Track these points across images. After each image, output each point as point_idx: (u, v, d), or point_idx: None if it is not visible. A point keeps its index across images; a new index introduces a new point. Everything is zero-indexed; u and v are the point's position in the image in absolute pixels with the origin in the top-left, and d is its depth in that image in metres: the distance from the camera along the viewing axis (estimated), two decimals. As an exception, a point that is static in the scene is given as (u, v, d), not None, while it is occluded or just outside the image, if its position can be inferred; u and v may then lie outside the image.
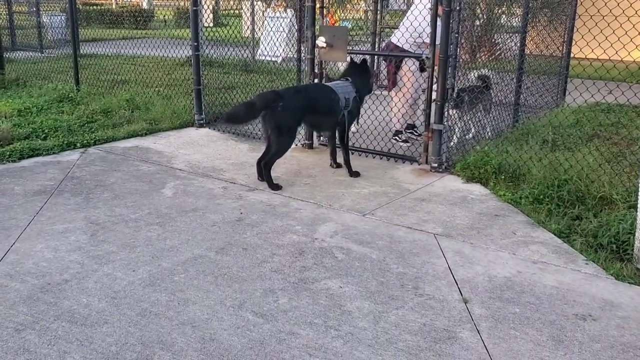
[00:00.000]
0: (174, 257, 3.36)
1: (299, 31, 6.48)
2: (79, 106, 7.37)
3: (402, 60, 5.97)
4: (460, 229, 3.87)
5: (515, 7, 7.02)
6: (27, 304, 2.83)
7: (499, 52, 6.28)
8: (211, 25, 7.16)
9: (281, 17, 12.96)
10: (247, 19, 13.89)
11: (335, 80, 5.22)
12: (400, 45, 5.94)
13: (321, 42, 5.48)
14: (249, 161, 5.30)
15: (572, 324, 2.76)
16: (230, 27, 7.87)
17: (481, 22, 6.29)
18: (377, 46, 8.69)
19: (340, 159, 5.12)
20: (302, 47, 6.06)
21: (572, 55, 7.85)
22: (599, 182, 4.27)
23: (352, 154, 5.33)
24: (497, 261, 3.40)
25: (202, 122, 6.70)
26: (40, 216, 3.93)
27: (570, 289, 3.09)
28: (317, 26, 5.65)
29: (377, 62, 8.77)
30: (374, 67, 8.48)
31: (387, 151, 5.61)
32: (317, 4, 5.62)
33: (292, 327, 2.68)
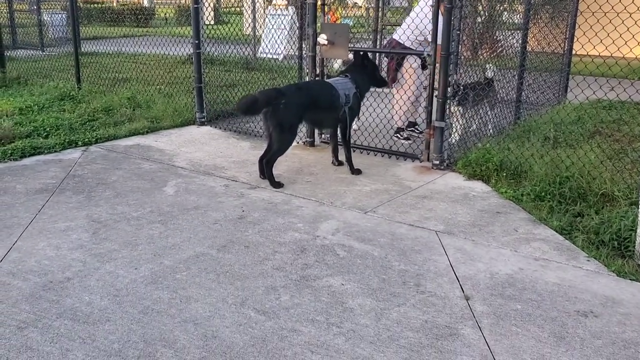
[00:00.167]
0: (175, 255, 3.36)
1: (300, 28, 6.47)
2: (80, 104, 7.38)
3: (404, 57, 5.96)
4: (461, 226, 3.87)
5: (517, 4, 7.00)
6: (29, 301, 2.84)
7: (500, 49, 6.27)
8: (212, 22, 7.15)
9: (282, 14, 12.95)
10: (249, 17, 13.88)
11: (333, 77, 5.21)
12: (402, 42, 5.94)
13: (322, 39, 5.48)
14: (250, 159, 5.31)
15: (574, 321, 2.76)
16: (231, 25, 7.85)
17: (483, 19, 6.27)
18: (378, 43, 8.68)
19: (342, 156, 5.13)
20: (304, 45, 6.06)
21: (573, 52, 7.83)
22: (601, 179, 4.27)
23: (354, 151, 5.34)
24: (498, 258, 3.40)
25: (203, 120, 6.70)
26: (42, 214, 3.93)
27: (571, 285, 3.09)
28: (319, 23, 5.65)
29: (378, 59, 8.76)
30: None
31: (388, 149, 5.61)
32: (319, 2, 5.61)
33: (294, 324, 2.69)
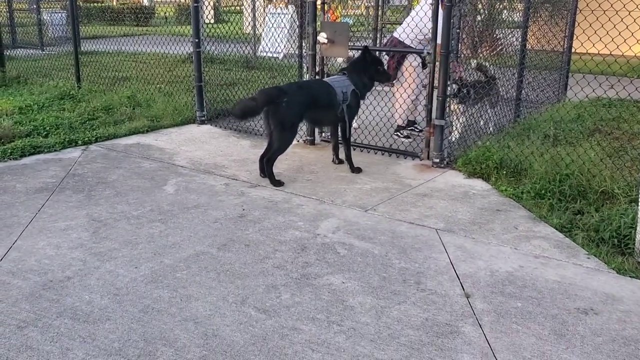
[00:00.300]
0: (176, 254, 3.37)
1: (300, 27, 6.46)
2: (80, 103, 7.38)
3: (404, 56, 5.96)
4: (462, 224, 3.87)
5: (516, 2, 7.00)
6: (29, 301, 2.84)
7: (500, 47, 6.27)
8: (212, 21, 7.15)
9: (282, 13, 12.95)
10: (248, 15, 13.89)
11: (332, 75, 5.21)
12: (403, 40, 5.94)
13: (322, 38, 5.48)
14: (250, 157, 5.31)
15: (574, 318, 2.76)
16: (231, 24, 7.85)
17: (482, 17, 6.27)
18: (378, 42, 8.68)
19: (342, 154, 5.12)
20: (304, 43, 6.06)
21: (573, 49, 7.83)
22: (601, 176, 4.27)
23: (354, 149, 5.34)
24: (499, 256, 3.40)
25: (203, 118, 6.70)
26: (42, 213, 3.93)
27: (572, 283, 3.09)
28: (318, 22, 5.65)
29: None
30: None
31: (389, 147, 5.61)
32: (318, 0, 5.61)
33: (295, 322, 2.69)
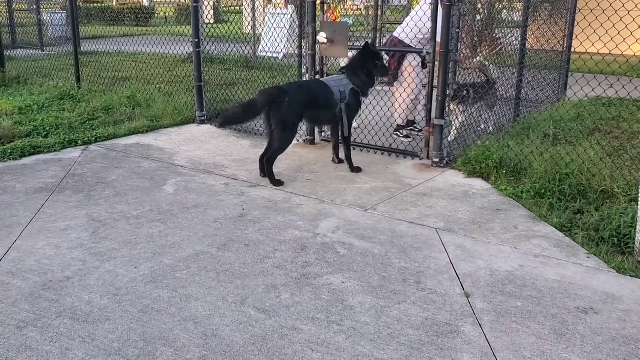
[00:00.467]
0: (175, 254, 3.36)
1: (300, 27, 6.46)
2: (80, 104, 7.37)
3: (404, 55, 5.96)
4: (462, 223, 3.87)
5: (516, 2, 7.00)
6: (29, 301, 2.84)
7: (500, 47, 6.27)
8: (212, 21, 7.15)
9: (282, 13, 12.95)
10: (248, 15, 13.89)
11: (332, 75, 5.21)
12: (403, 40, 5.93)
13: (322, 38, 5.48)
14: (250, 157, 5.30)
15: (574, 317, 2.76)
16: (231, 24, 7.85)
17: (482, 16, 6.27)
18: (378, 42, 8.67)
19: (342, 154, 5.12)
20: (303, 43, 6.06)
21: (572, 49, 7.83)
22: (600, 175, 4.27)
23: (354, 149, 5.34)
24: (498, 255, 3.40)
25: (203, 118, 6.70)
26: (41, 214, 3.93)
27: (572, 282, 3.09)
28: (318, 22, 5.65)
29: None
30: None
31: (388, 146, 5.61)
32: (318, 0, 5.61)
33: (295, 322, 2.69)
